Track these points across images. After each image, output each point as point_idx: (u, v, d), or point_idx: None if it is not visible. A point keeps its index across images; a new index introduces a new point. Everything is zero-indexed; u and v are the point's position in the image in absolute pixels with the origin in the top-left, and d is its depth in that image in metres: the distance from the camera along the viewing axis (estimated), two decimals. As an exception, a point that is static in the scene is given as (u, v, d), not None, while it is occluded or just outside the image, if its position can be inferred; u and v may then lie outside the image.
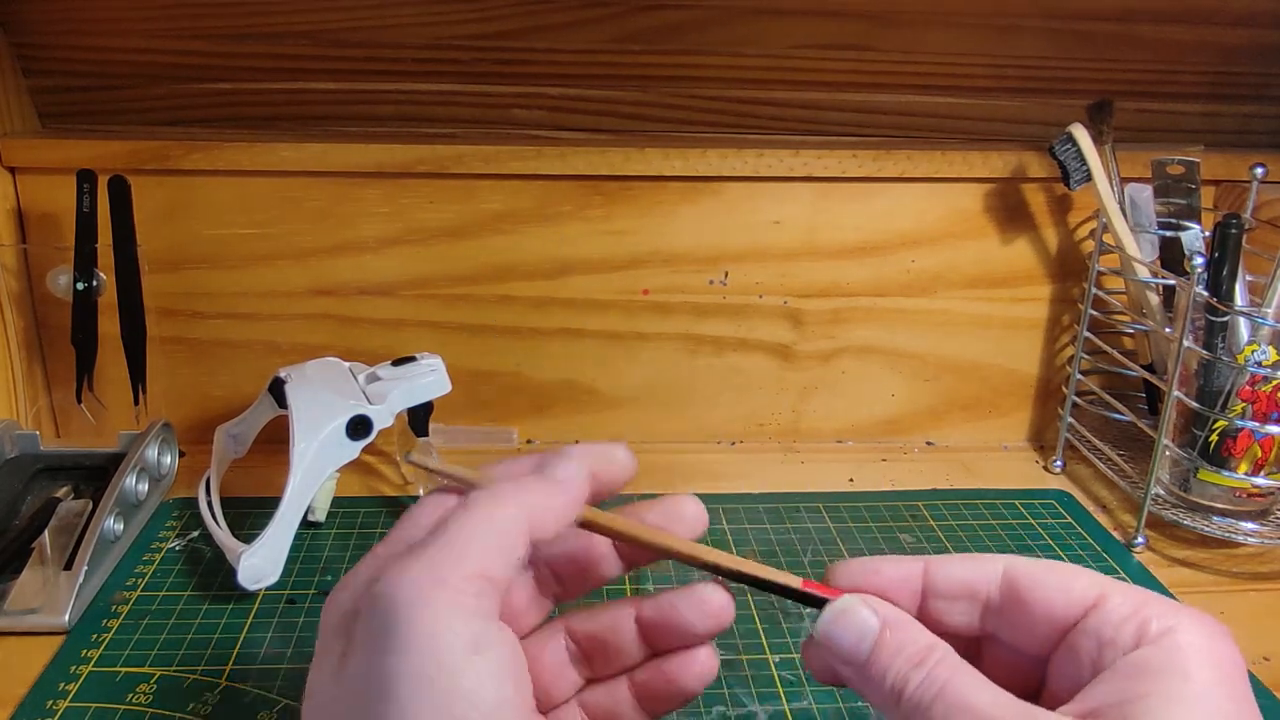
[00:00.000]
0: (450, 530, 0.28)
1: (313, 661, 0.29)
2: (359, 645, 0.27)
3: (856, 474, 0.70)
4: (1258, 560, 0.62)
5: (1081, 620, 0.29)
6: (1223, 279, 0.59)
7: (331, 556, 0.58)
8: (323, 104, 0.69)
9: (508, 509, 0.29)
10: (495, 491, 0.30)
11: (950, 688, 0.27)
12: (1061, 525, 0.64)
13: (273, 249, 0.67)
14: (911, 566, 0.31)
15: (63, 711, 0.45)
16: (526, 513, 0.30)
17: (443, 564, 0.27)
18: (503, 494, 0.30)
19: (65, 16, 0.65)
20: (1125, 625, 0.28)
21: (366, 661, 0.26)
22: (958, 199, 0.70)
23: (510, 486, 0.31)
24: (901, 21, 0.68)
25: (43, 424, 0.68)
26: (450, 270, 0.68)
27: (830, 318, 0.72)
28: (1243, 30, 0.70)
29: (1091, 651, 0.28)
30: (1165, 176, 0.66)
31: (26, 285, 0.66)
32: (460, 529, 0.28)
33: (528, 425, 0.73)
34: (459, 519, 0.29)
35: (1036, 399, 0.75)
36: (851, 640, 0.30)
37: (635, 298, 0.70)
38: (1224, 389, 0.59)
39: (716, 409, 0.73)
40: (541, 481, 0.31)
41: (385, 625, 0.26)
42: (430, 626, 0.26)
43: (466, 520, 0.29)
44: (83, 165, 0.60)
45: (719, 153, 0.66)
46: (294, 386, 0.58)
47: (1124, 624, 0.28)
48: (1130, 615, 0.28)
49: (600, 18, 0.67)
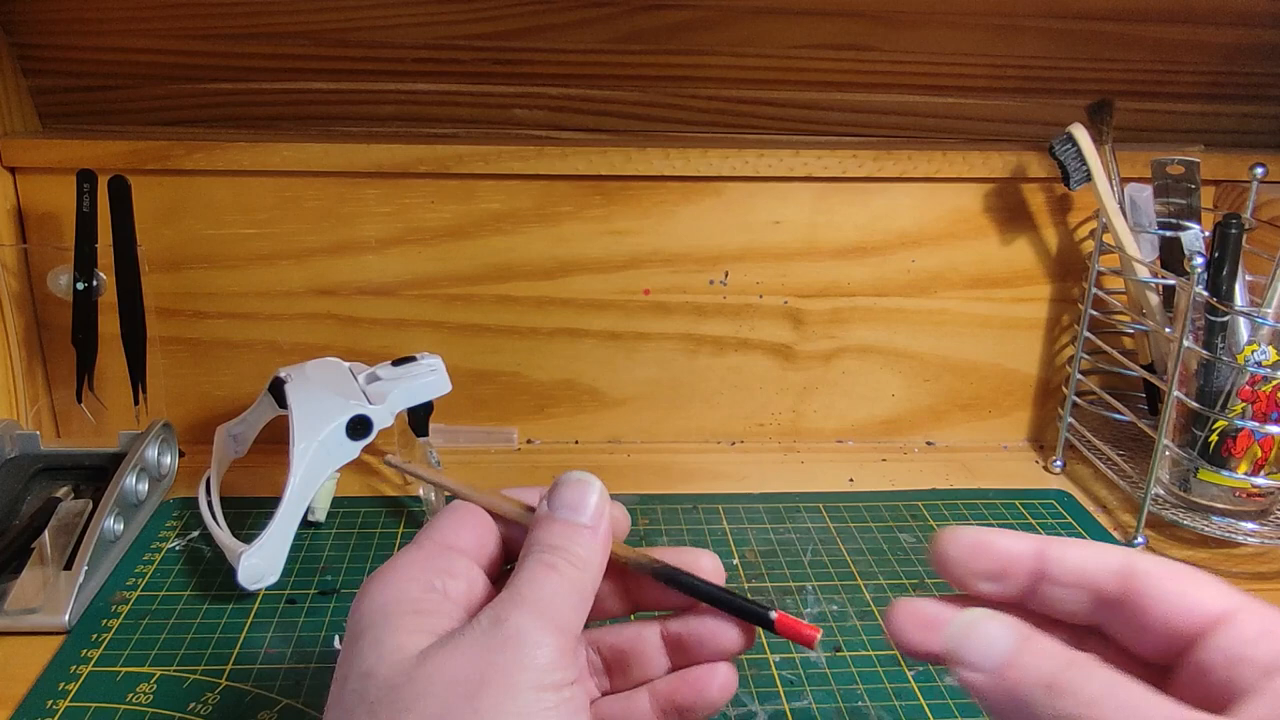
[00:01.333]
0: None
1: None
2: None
3: (856, 474, 0.70)
4: (1258, 560, 0.62)
5: (1210, 634, 0.27)
6: (1223, 279, 0.59)
7: (331, 556, 0.58)
8: (323, 104, 0.69)
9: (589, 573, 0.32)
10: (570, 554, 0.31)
11: (1116, 688, 0.26)
12: (1061, 525, 0.64)
13: (273, 249, 0.67)
14: (1027, 545, 0.30)
15: (63, 711, 0.45)
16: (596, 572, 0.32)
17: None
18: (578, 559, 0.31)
19: (65, 16, 0.65)
20: (1261, 642, 0.27)
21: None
22: (958, 199, 0.70)
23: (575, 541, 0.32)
24: (901, 21, 0.68)
25: (43, 424, 0.68)
26: (450, 270, 0.68)
27: (830, 318, 0.72)
28: (1243, 30, 0.70)
29: (1223, 667, 0.27)
30: (1165, 176, 0.66)
31: (27, 285, 0.66)
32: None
33: (528, 425, 0.73)
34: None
35: (1036, 399, 0.75)
36: (986, 649, 0.28)
37: (635, 298, 0.70)
38: (1224, 389, 0.59)
39: (716, 409, 0.74)
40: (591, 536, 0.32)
41: None
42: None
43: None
44: (83, 165, 0.60)
45: (719, 153, 0.66)
46: (294, 386, 0.58)
47: (1260, 640, 0.27)
48: (1265, 632, 0.27)
49: (600, 18, 0.67)
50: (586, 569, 0.31)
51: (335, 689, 0.30)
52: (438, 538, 0.33)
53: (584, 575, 0.31)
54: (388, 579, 0.31)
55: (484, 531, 0.34)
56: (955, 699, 0.48)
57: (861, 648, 0.52)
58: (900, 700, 0.48)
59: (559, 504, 0.32)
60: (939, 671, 0.50)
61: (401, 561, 0.32)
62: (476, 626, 0.29)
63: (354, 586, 0.55)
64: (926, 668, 0.50)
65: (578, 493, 0.33)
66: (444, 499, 0.60)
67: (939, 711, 0.47)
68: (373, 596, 0.31)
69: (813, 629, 0.33)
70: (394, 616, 0.30)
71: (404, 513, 0.63)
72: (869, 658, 0.51)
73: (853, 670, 0.50)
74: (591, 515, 0.32)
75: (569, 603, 0.30)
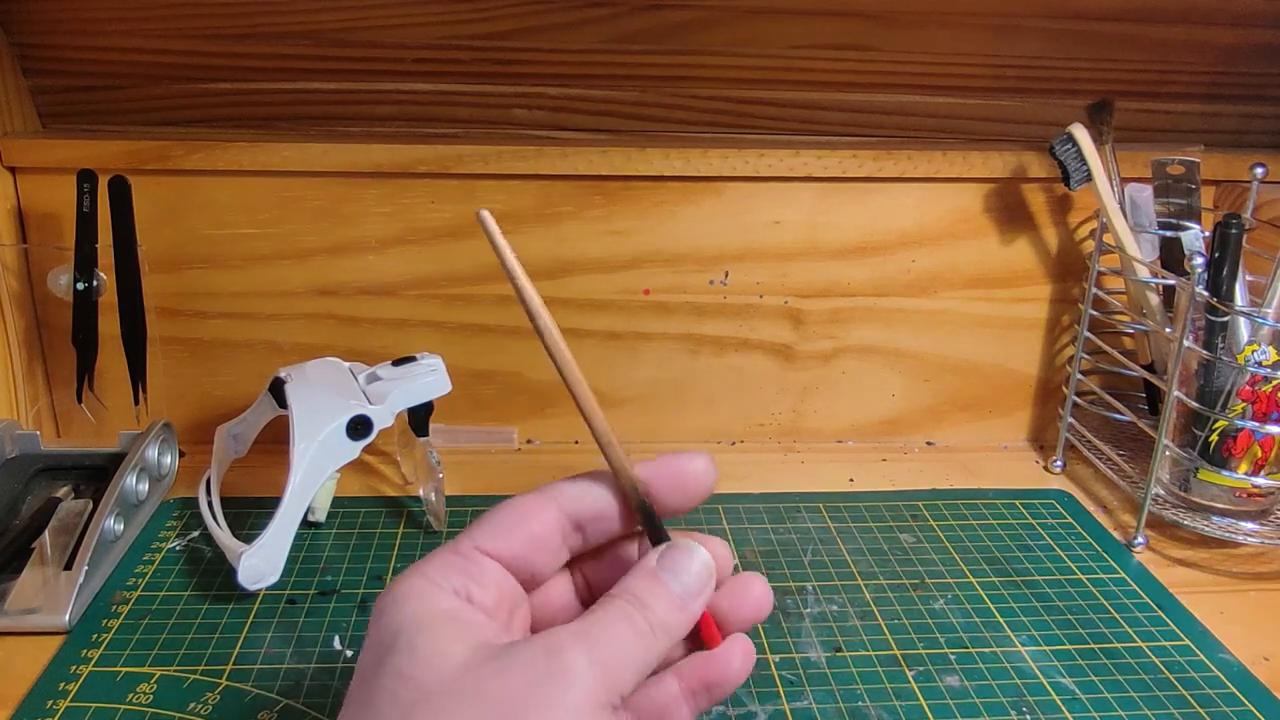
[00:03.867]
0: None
1: None
2: None
3: (856, 474, 0.70)
4: (1258, 560, 0.62)
5: None
6: (1223, 279, 0.59)
7: (331, 556, 0.58)
8: (323, 104, 0.69)
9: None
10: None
11: None
12: (1061, 525, 0.64)
13: (273, 249, 0.67)
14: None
15: (63, 711, 0.45)
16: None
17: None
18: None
19: (65, 16, 0.65)
20: None
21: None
22: (958, 199, 0.70)
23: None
24: (901, 21, 0.68)
25: (43, 424, 0.68)
26: (450, 270, 0.68)
27: (830, 318, 0.72)
28: (1243, 30, 0.70)
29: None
30: (1165, 176, 0.66)
31: (27, 285, 0.66)
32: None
33: (528, 425, 0.73)
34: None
35: (1036, 399, 0.75)
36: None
37: (636, 298, 0.70)
38: (1224, 389, 0.59)
39: (717, 409, 0.74)
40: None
41: None
42: None
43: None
44: (83, 165, 0.60)
45: (719, 153, 0.66)
46: (294, 386, 0.58)
47: None
48: None
49: (600, 18, 0.67)
50: (661, 639, 0.31)
51: (360, 689, 0.29)
52: (479, 543, 0.32)
53: (656, 644, 0.31)
54: (418, 583, 0.31)
55: (542, 535, 0.33)
56: (955, 699, 0.48)
57: (861, 648, 0.52)
58: (900, 700, 0.48)
59: (669, 566, 0.32)
60: (939, 671, 0.50)
61: (434, 565, 0.31)
62: (531, 649, 0.29)
63: (354, 587, 0.55)
64: (927, 667, 0.50)
65: (689, 562, 0.33)
66: (444, 500, 0.60)
67: (939, 712, 0.47)
68: (405, 598, 0.30)
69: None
70: (434, 622, 0.29)
71: (404, 513, 0.63)
72: (869, 658, 0.51)
73: (853, 670, 0.50)
74: (693, 590, 0.32)
75: (631, 662, 0.30)
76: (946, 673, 0.50)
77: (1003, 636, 0.53)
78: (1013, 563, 0.60)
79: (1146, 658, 0.52)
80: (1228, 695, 0.49)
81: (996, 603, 0.56)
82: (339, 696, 0.47)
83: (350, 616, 0.53)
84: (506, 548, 0.33)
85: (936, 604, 0.56)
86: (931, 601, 0.56)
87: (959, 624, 0.54)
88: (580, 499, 0.34)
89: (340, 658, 0.50)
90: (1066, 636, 0.53)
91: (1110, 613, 0.55)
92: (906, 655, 0.51)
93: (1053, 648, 0.52)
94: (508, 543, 0.33)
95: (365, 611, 0.53)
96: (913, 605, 0.55)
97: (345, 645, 0.51)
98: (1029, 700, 0.48)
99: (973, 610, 0.55)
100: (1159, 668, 0.51)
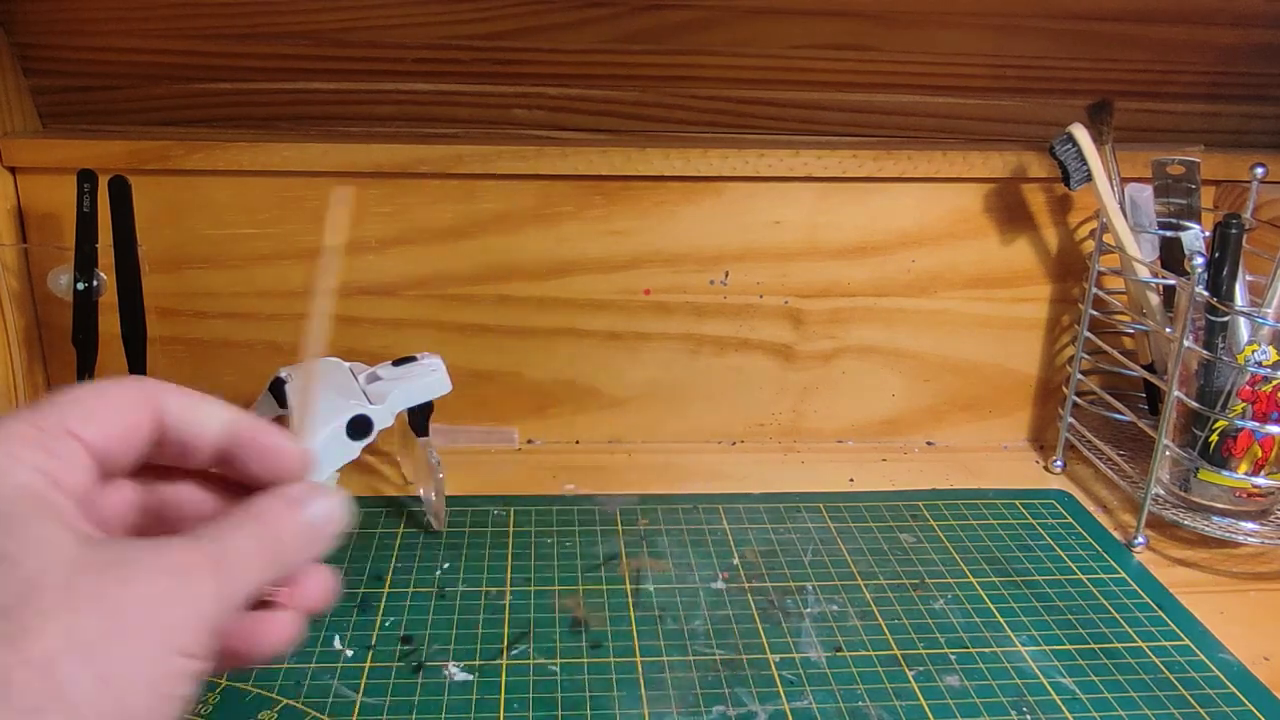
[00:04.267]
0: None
1: None
2: None
3: (856, 474, 0.70)
4: (1258, 560, 0.62)
5: None
6: (1223, 279, 0.59)
7: (332, 556, 0.58)
8: (323, 104, 0.69)
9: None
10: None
11: None
12: (1062, 525, 0.64)
13: (273, 249, 0.67)
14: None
15: (63, 711, 0.45)
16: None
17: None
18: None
19: (65, 16, 0.65)
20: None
21: None
22: (958, 199, 0.70)
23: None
24: (901, 21, 0.68)
25: (43, 424, 0.68)
26: (450, 270, 0.68)
27: (830, 318, 0.72)
28: (1243, 30, 0.70)
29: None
30: (1165, 176, 0.66)
31: (27, 285, 0.66)
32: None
33: (528, 425, 0.73)
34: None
35: (1036, 399, 0.75)
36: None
37: (636, 298, 0.70)
38: (1224, 389, 0.59)
39: (717, 409, 0.74)
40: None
41: None
42: None
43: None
44: (83, 165, 0.60)
45: (719, 153, 0.66)
46: (294, 386, 0.58)
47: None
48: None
49: (600, 18, 0.67)
50: (277, 575, 0.30)
51: None
52: (70, 424, 0.28)
53: (269, 578, 0.29)
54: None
55: (134, 435, 0.29)
56: (955, 699, 0.48)
57: (862, 648, 0.52)
58: (900, 700, 0.48)
59: (311, 503, 0.31)
60: (939, 671, 0.50)
61: (16, 442, 0.27)
62: (156, 557, 0.26)
63: (354, 586, 0.55)
64: (927, 667, 0.50)
65: (330, 509, 0.32)
66: (444, 500, 0.60)
67: (939, 711, 0.47)
68: None
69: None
70: (26, 501, 0.26)
71: (404, 513, 0.63)
72: (869, 658, 0.51)
73: (853, 670, 0.50)
74: (323, 536, 0.31)
75: (246, 593, 0.28)
76: (946, 673, 0.50)
77: (1003, 636, 0.53)
78: (1013, 563, 0.60)
79: (1146, 658, 0.52)
80: (1228, 695, 0.49)
81: (997, 603, 0.56)
82: (339, 696, 0.47)
83: (350, 616, 0.53)
84: (99, 437, 0.28)
85: (936, 604, 0.56)
86: (931, 601, 0.56)
87: (959, 624, 0.54)
88: (185, 422, 0.31)
89: (340, 658, 0.50)
90: (1067, 636, 0.53)
91: (1110, 613, 0.55)
92: (907, 655, 0.51)
93: (1053, 647, 0.52)
94: (101, 431, 0.28)
95: (366, 612, 0.53)
96: (913, 605, 0.55)
97: (345, 645, 0.51)
98: (1029, 700, 0.48)
99: (973, 610, 0.55)
100: (1159, 668, 0.51)
